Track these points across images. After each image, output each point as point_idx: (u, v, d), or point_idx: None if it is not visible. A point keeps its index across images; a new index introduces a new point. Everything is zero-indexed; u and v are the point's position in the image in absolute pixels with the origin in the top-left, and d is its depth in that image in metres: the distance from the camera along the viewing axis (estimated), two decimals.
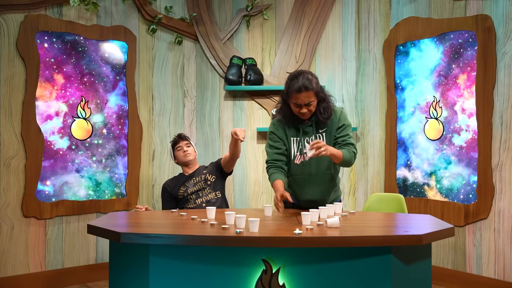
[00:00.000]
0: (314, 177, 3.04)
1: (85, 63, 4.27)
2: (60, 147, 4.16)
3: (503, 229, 3.82)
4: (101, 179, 4.35)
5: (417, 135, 4.37)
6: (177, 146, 3.89)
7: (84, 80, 4.27)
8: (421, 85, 4.34)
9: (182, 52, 4.75)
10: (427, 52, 4.29)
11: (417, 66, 4.37)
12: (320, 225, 2.56)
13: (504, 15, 3.80)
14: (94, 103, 4.31)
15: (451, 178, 4.12)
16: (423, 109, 4.32)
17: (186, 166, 3.89)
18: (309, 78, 2.89)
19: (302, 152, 3.03)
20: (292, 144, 3.05)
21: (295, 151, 3.04)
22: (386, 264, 2.32)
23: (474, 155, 3.96)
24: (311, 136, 3.01)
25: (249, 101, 4.78)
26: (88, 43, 4.28)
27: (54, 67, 4.13)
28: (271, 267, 2.36)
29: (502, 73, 3.82)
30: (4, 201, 3.95)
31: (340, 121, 3.01)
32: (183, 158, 3.86)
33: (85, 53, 4.27)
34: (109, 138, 4.39)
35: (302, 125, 3.02)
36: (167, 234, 2.34)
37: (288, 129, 3.05)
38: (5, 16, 3.95)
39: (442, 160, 4.18)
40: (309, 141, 3.01)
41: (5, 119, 3.95)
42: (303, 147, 3.03)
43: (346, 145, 2.96)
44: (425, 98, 4.30)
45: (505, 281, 3.80)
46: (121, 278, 2.54)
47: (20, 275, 4.00)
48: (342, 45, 4.79)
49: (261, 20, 4.82)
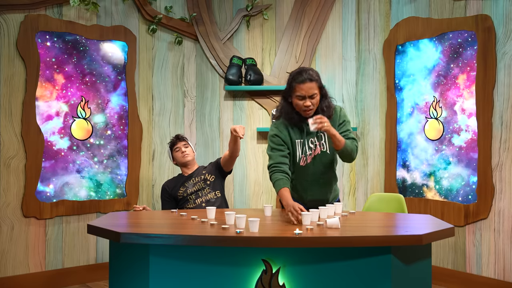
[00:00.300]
0: (318, 177, 3.04)
1: (85, 63, 4.27)
2: (60, 147, 4.16)
3: (503, 229, 3.82)
4: (101, 179, 4.35)
5: (417, 135, 4.37)
6: (175, 147, 3.89)
7: (84, 80, 4.26)
8: (421, 85, 4.34)
9: (182, 52, 4.75)
10: (427, 52, 4.29)
11: (417, 66, 4.37)
12: (320, 225, 2.56)
13: (504, 15, 3.80)
14: (94, 103, 4.31)
15: (451, 178, 4.12)
16: (423, 109, 4.32)
17: (185, 167, 3.88)
18: (314, 70, 2.94)
19: (306, 154, 3.00)
20: (297, 147, 3.01)
21: (300, 153, 3.01)
22: (386, 264, 2.32)
23: (474, 155, 3.96)
24: (314, 136, 3.01)
25: (249, 101, 4.79)
26: (88, 43, 4.28)
27: (54, 67, 4.13)
28: (271, 267, 2.36)
29: (502, 73, 3.82)
30: (4, 201, 3.95)
31: (340, 118, 3.02)
32: (181, 159, 3.85)
33: (85, 53, 4.27)
34: (109, 138, 4.39)
35: (305, 124, 2.99)
36: (167, 234, 2.34)
37: (292, 130, 3.01)
38: (5, 16, 3.95)
39: (442, 160, 4.18)
40: (314, 142, 3.00)
41: (5, 119, 3.95)
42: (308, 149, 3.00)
43: (348, 139, 2.96)
44: (425, 98, 4.30)
45: (505, 281, 3.80)
46: (121, 278, 2.54)
47: (20, 275, 4.00)
48: (342, 45, 4.79)
49: (261, 20, 4.82)
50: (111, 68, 4.40)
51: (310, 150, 3.00)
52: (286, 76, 4.76)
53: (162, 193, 3.87)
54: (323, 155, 3.01)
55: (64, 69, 4.17)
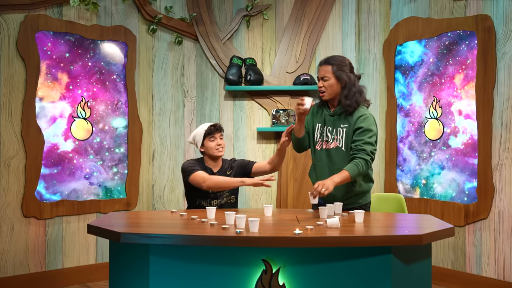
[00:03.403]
0: (329, 169, 3.01)
1: (85, 63, 4.27)
2: (60, 147, 4.16)
3: (503, 229, 3.82)
4: (102, 179, 4.35)
5: (417, 135, 4.37)
6: (211, 136, 3.43)
7: (84, 80, 4.27)
8: (421, 85, 4.34)
9: (182, 52, 4.75)
10: (427, 52, 4.29)
11: (417, 66, 4.37)
12: (320, 225, 2.56)
13: (504, 15, 3.80)
14: (94, 103, 4.31)
15: (451, 178, 4.12)
16: (423, 109, 4.32)
17: (213, 160, 3.48)
18: (335, 56, 3.02)
19: (323, 139, 3.06)
20: (316, 130, 3.10)
21: (317, 137, 3.09)
22: (386, 264, 2.32)
23: (474, 155, 3.96)
24: (332, 129, 3.03)
25: (249, 101, 4.79)
26: (88, 43, 4.28)
27: (54, 67, 4.13)
28: (271, 267, 2.36)
29: (502, 73, 3.82)
30: (4, 201, 3.95)
31: (359, 122, 2.95)
32: (215, 151, 3.41)
33: (85, 53, 4.27)
34: (109, 138, 4.39)
35: (326, 112, 3.08)
36: (167, 234, 2.34)
37: (316, 114, 3.12)
38: (5, 16, 3.95)
39: (442, 160, 4.18)
40: (331, 131, 3.03)
41: (5, 119, 3.95)
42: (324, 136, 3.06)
43: (358, 151, 2.90)
44: (425, 98, 4.30)
45: (505, 281, 3.80)
46: (121, 278, 2.54)
47: (20, 275, 4.00)
48: (342, 45, 4.79)
49: (261, 20, 4.82)
50: (111, 68, 4.40)
51: (328, 138, 3.04)
52: (286, 76, 4.76)
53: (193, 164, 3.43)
54: (338, 150, 3.00)
55: (64, 69, 4.17)
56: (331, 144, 3.02)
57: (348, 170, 2.84)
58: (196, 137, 3.47)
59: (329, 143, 3.02)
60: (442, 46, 4.19)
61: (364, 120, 2.95)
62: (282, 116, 4.66)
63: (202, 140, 3.44)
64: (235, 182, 3.23)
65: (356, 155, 2.90)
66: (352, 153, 2.92)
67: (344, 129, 2.98)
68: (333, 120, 3.03)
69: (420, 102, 4.35)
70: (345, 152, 2.98)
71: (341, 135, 2.99)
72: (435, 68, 4.24)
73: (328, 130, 3.04)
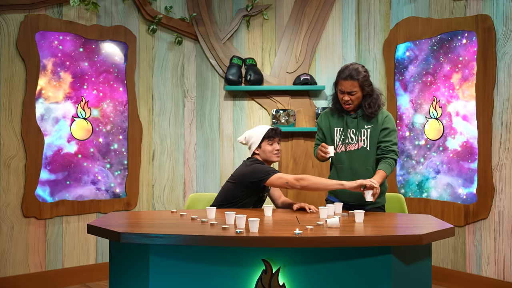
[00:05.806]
0: (353, 170, 3.14)
1: (85, 63, 4.27)
2: (60, 147, 4.16)
3: (503, 229, 3.82)
4: (102, 179, 4.35)
5: (417, 135, 4.37)
6: (271, 139, 3.36)
7: (84, 80, 4.26)
8: (421, 85, 4.34)
9: (182, 52, 4.75)
10: (427, 52, 4.29)
11: (417, 66, 4.37)
12: (320, 225, 2.56)
13: (504, 15, 3.80)
14: (94, 103, 4.31)
15: (451, 178, 4.12)
16: (423, 109, 4.32)
17: (267, 163, 3.39)
18: (359, 69, 3.09)
19: (344, 142, 3.17)
20: (335, 134, 3.20)
21: (337, 141, 3.19)
22: (386, 264, 2.32)
23: (474, 155, 3.96)
24: (356, 131, 3.14)
25: (249, 101, 4.79)
26: (88, 43, 4.28)
27: (54, 67, 4.13)
28: (271, 267, 2.36)
29: (502, 73, 3.82)
30: (4, 201, 3.95)
31: (385, 123, 3.13)
32: (272, 156, 3.36)
33: (85, 53, 4.27)
34: (109, 138, 4.39)
35: (347, 116, 3.18)
36: (167, 234, 2.34)
37: (333, 119, 3.23)
38: (5, 16, 3.95)
39: (442, 160, 4.18)
40: (355, 133, 3.14)
41: (5, 119, 3.95)
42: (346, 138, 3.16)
43: (388, 152, 3.09)
44: (425, 98, 4.30)
45: (505, 281, 3.80)
46: (121, 278, 2.54)
47: (20, 275, 4.00)
48: (342, 45, 4.79)
49: (261, 20, 4.82)
50: (111, 68, 4.40)
51: (351, 140, 3.15)
52: (286, 76, 4.77)
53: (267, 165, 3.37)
54: (361, 151, 3.13)
55: (64, 69, 4.17)
56: (353, 145, 3.16)
57: (384, 170, 3.03)
58: (252, 138, 3.39)
59: (351, 145, 3.16)
60: (442, 46, 4.19)
61: (389, 121, 3.16)
62: (282, 116, 4.66)
63: (260, 142, 3.36)
64: (333, 185, 3.08)
65: (387, 155, 3.09)
66: (382, 153, 3.11)
67: (368, 130, 3.13)
68: (356, 122, 3.16)
69: (420, 102, 4.35)
70: (370, 152, 3.13)
71: (366, 135, 3.13)
72: (435, 68, 4.23)
73: (351, 132, 3.16)
